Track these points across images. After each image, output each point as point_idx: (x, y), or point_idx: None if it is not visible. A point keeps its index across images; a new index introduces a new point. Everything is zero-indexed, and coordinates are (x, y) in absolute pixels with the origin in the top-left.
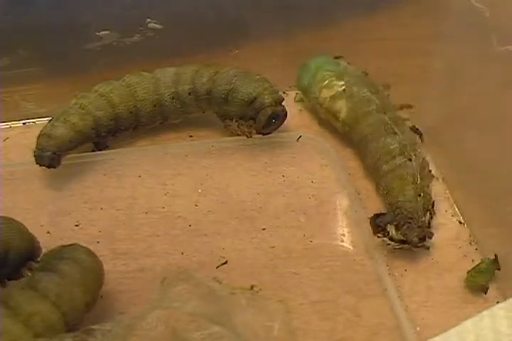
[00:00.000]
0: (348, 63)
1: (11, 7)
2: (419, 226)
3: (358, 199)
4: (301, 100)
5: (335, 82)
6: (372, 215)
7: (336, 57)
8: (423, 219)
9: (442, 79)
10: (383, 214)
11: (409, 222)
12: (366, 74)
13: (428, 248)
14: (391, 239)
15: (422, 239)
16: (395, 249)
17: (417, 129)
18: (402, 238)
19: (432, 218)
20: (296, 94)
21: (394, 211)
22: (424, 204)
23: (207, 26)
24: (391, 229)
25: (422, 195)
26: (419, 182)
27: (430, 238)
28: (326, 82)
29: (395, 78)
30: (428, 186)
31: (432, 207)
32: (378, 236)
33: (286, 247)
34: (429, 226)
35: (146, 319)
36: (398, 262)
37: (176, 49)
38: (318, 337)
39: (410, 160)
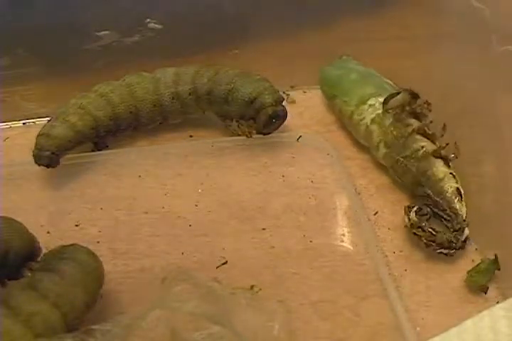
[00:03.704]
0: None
1: (10, 7)
2: (446, 225)
3: (358, 199)
4: (293, 102)
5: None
6: None
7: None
8: (449, 212)
9: (442, 79)
10: None
11: (433, 211)
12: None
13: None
14: (408, 218)
15: (430, 242)
16: (405, 226)
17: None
18: (416, 223)
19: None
20: (288, 95)
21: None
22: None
23: (207, 26)
24: (412, 210)
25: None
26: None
27: (445, 248)
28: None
29: (395, 78)
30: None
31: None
32: (406, 216)
33: (286, 247)
34: (459, 237)
35: (146, 319)
36: (398, 262)
37: (176, 49)
38: (318, 337)
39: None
